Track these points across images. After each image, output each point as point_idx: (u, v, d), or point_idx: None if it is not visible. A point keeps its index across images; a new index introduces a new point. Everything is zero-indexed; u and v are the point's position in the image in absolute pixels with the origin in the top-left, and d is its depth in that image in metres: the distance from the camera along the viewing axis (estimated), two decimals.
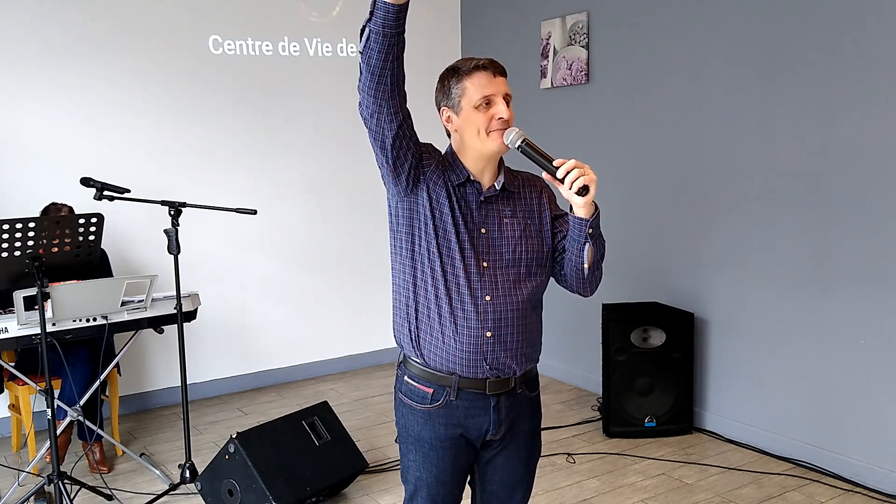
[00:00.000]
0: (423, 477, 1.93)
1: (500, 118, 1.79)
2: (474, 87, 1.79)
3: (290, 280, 5.04)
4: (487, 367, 1.85)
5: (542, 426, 2.08)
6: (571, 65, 4.68)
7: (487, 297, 1.82)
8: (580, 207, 1.76)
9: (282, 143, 4.93)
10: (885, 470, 3.33)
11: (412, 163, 1.79)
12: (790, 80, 3.57)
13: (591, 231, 1.78)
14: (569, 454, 3.84)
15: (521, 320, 1.87)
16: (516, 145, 1.77)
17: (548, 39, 4.81)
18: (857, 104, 3.33)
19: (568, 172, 1.71)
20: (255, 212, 3.55)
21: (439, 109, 1.87)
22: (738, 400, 3.93)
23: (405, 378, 1.93)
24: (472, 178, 1.85)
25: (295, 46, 4.92)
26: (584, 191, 1.71)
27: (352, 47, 5.12)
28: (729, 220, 3.90)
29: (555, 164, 1.73)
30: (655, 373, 3.96)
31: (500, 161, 1.91)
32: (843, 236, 3.43)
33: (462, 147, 1.86)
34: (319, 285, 5.15)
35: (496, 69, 1.82)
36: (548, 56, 4.82)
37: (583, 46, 4.59)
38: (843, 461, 3.48)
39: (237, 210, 3.52)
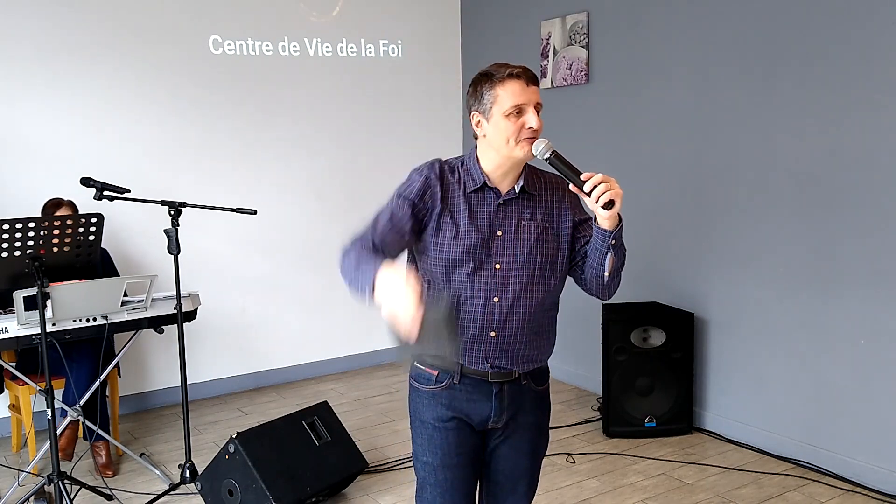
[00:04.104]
0: (430, 462, 1.95)
1: (529, 127, 1.80)
2: (507, 95, 1.79)
3: (291, 280, 5.03)
4: (489, 364, 1.89)
5: None
6: (571, 65, 4.68)
7: (496, 299, 1.85)
8: (605, 219, 1.77)
9: (282, 143, 4.92)
10: (886, 470, 3.33)
11: (422, 225, 1.87)
12: (791, 79, 3.57)
13: (613, 242, 1.80)
14: (569, 454, 3.83)
15: (529, 323, 1.89)
16: (545, 157, 1.79)
17: (548, 39, 4.81)
18: (858, 104, 3.33)
19: (595, 186, 1.72)
20: (255, 212, 3.55)
21: (470, 113, 1.89)
22: (737, 400, 3.93)
23: (414, 362, 1.98)
24: (488, 183, 1.87)
25: (295, 46, 4.92)
26: (610, 205, 1.73)
27: (352, 47, 5.11)
28: (729, 220, 3.90)
29: (582, 177, 1.74)
30: (655, 373, 3.96)
31: (524, 165, 1.92)
32: (843, 236, 3.43)
33: (488, 151, 1.87)
34: (319, 285, 5.14)
35: (529, 78, 1.82)
36: (548, 56, 4.82)
37: (583, 46, 4.59)
38: (843, 461, 3.48)
39: (237, 210, 3.53)
